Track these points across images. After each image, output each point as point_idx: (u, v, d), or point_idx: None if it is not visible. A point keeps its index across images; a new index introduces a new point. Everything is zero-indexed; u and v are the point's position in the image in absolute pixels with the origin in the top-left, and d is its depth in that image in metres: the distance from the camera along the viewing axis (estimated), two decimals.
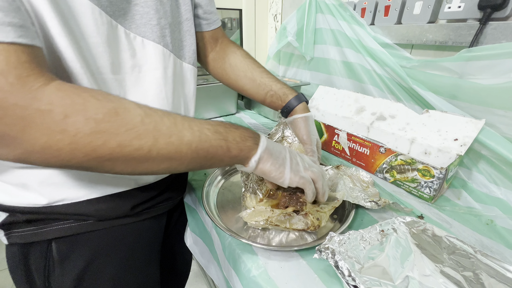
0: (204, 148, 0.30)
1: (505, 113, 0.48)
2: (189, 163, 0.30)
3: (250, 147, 0.34)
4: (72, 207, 0.35)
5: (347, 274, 0.30)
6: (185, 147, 0.28)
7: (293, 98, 0.52)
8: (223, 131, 0.32)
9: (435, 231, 0.37)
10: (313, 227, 0.40)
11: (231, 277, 0.41)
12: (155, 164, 0.27)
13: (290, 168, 0.37)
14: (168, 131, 0.27)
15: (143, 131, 0.25)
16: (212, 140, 0.30)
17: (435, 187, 0.49)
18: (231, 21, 1.14)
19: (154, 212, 0.46)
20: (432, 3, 0.59)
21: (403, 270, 0.31)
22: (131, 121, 0.25)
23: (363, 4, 0.73)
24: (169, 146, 0.27)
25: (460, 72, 0.54)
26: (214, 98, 0.95)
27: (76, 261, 0.38)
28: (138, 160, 0.26)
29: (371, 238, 0.36)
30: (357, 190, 0.49)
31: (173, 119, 0.28)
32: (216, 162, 0.32)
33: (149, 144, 0.26)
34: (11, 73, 0.20)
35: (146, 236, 0.46)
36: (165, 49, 0.37)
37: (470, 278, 0.30)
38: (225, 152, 0.32)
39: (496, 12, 0.50)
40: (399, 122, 0.61)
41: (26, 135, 0.21)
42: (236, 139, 0.33)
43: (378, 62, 0.70)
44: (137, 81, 0.35)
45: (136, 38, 0.33)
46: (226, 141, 0.31)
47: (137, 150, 0.25)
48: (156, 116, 0.27)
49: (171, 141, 0.27)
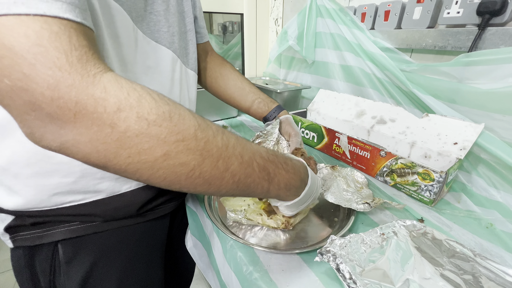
0: (246, 183, 0.27)
1: (503, 117, 0.49)
2: (226, 192, 0.27)
3: (288, 196, 0.33)
4: (78, 209, 0.36)
5: (348, 277, 0.30)
6: (229, 175, 0.25)
7: (276, 106, 0.62)
8: (271, 171, 0.29)
9: (435, 235, 0.38)
10: (284, 226, 0.42)
11: (230, 281, 0.41)
12: (192, 185, 0.24)
13: None
14: (217, 153, 0.24)
15: (193, 146, 0.23)
16: (256, 177, 0.28)
17: (435, 191, 0.50)
18: (232, 25, 1.15)
19: (157, 213, 0.46)
20: (432, 8, 0.60)
21: (404, 273, 0.32)
22: (184, 131, 0.22)
23: (363, 9, 0.74)
24: (213, 170, 0.24)
25: (459, 76, 0.54)
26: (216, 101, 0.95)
27: (82, 262, 0.38)
28: (176, 176, 0.23)
29: (371, 242, 0.36)
30: (350, 192, 0.49)
31: (226, 140, 0.25)
32: (250, 196, 0.33)
33: (195, 163, 0.23)
34: (72, 53, 0.19)
35: (150, 237, 0.46)
36: (174, 54, 0.39)
37: (469, 281, 0.31)
38: (263, 192, 0.30)
39: (494, 17, 0.51)
40: (399, 126, 0.61)
41: (78, 122, 0.19)
42: (280, 185, 0.31)
43: (378, 66, 0.70)
44: (149, 82, 0.36)
45: (151, 43, 0.36)
46: (269, 183, 0.29)
47: (181, 165, 0.23)
48: (210, 131, 0.24)
49: (217, 165, 0.24)
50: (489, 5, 0.50)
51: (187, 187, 0.25)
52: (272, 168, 0.29)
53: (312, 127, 0.75)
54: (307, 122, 0.76)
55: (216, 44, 1.19)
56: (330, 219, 0.47)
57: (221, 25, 1.17)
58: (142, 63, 0.35)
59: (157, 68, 0.37)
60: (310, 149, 0.76)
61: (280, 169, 0.30)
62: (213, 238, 0.46)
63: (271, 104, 0.62)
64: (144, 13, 0.34)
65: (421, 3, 0.61)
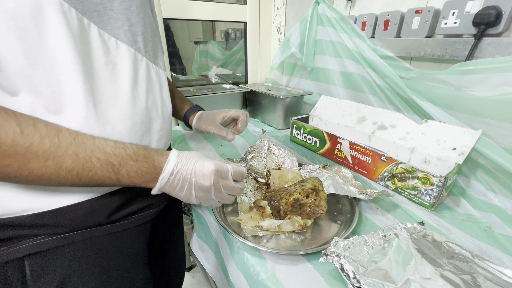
0: (87, 176, 0.31)
1: (499, 124, 0.51)
2: (73, 184, 0.31)
3: (146, 182, 0.35)
4: (41, 218, 0.34)
5: (352, 276, 0.32)
6: (64, 171, 0.29)
7: (188, 109, 0.66)
8: (116, 163, 0.32)
9: (434, 237, 0.39)
10: (300, 227, 0.44)
11: (239, 281, 0.43)
12: (30, 180, 0.29)
13: (196, 196, 0.39)
14: (44, 154, 0.28)
15: (12, 151, 0.26)
16: (99, 170, 0.31)
17: (434, 195, 0.51)
18: (235, 31, 1.18)
19: (134, 221, 0.44)
20: (429, 18, 0.62)
21: (405, 273, 0.33)
22: (0, 139, 0.26)
23: (363, 18, 0.77)
24: (44, 168, 0.28)
25: (457, 84, 0.56)
26: (219, 106, 0.98)
27: (52, 277, 0.37)
28: (6, 174, 0.27)
29: (374, 243, 0.38)
30: (348, 185, 0.53)
31: (57, 142, 0.29)
32: (107, 185, 0.34)
33: (18, 164, 0.27)
34: None
35: (128, 247, 0.44)
36: (138, 53, 0.39)
37: (468, 281, 0.32)
38: (114, 182, 0.33)
39: (490, 28, 0.53)
40: (399, 132, 0.63)
41: None
42: (130, 173, 0.33)
43: (378, 73, 0.73)
44: (111, 77, 0.36)
45: (111, 39, 0.36)
46: (117, 174, 0.32)
47: (5, 166, 0.27)
48: (36, 136, 0.27)
49: (47, 164, 0.28)
50: (485, 17, 0.52)
51: (26, 182, 0.29)
52: (118, 160, 0.32)
53: (314, 132, 0.77)
54: (310, 127, 0.78)
55: (218, 51, 1.22)
56: (334, 221, 0.49)
57: (224, 32, 1.20)
58: (99, 59, 0.34)
59: (118, 65, 0.37)
60: (313, 154, 0.78)
61: (128, 160, 0.33)
62: (221, 240, 0.48)
63: (186, 106, 0.67)
64: (102, 9, 0.34)
65: (419, 13, 0.64)
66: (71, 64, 0.31)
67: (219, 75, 1.24)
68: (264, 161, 0.63)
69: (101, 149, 0.31)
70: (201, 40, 1.20)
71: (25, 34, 0.28)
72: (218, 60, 1.23)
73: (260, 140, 0.66)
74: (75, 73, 0.31)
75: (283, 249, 0.42)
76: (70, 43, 0.30)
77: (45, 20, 0.28)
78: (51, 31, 0.29)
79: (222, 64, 1.24)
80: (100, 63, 0.35)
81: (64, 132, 0.30)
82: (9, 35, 0.27)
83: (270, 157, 0.64)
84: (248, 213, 0.49)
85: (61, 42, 0.30)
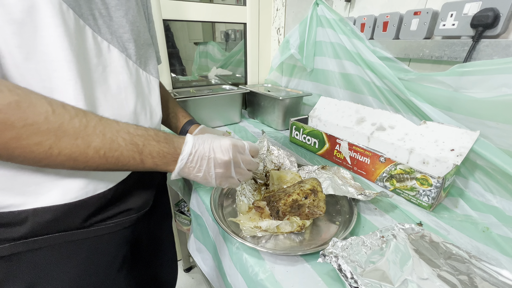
0: (114, 156, 0.31)
1: (497, 125, 0.51)
2: (98, 166, 0.32)
3: (167, 163, 0.36)
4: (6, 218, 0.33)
5: (349, 276, 0.32)
6: (92, 151, 0.30)
7: (186, 122, 0.64)
8: (140, 143, 0.33)
9: (432, 237, 0.40)
10: (299, 228, 0.45)
11: (237, 282, 0.43)
12: (58, 161, 0.29)
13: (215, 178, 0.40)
14: (74, 133, 0.28)
15: (45, 129, 0.27)
16: (124, 151, 0.32)
17: (433, 196, 0.51)
18: (235, 32, 1.18)
19: (112, 228, 0.41)
20: (428, 20, 0.62)
21: (402, 273, 0.33)
22: (33, 117, 0.26)
23: (362, 19, 0.77)
24: (73, 148, 0.29)
25: (455, 85, 0.57)
26: (219, 107, 0.98)
27: (16, 284, 0.35)
28: (35, 154, 0.27)
29: (372, 244, 0.38)
30: (347, 185, 0.53)
31: (85, 122, 0.29)
32: (131, 168, 0.34)
33: (50, 142, 0.27)
34: None
35: (104, 254, 0.42)
36: (128, 59, 0.40)
37: (465, 282, 0.32)
38: (138, 164, 0.34)
39: (488, 30, 0.54)
40: (398, 133, 0.63)
41: None
42: (153, 154, 0.34)
43: (377, 75, 0.73)
44: (100, 79, 0.37)
45: (103, 42, 0.37)
46: (140, 154, 0.33)
47: (36, 145, 0.27)
48: (66, 115, 0.28)
49: (77, 143, 0.29)
50: (482, 19, 0.53)
51: (54, 164, 0.29)
52: (141, 140, 0.33)
53: (313, 133, 0.77)
54: (309, 128, 0.78)
55: (218, 52, 1.23)
56: (332, 222, 0.49)
57: (224, 32, 1.20)
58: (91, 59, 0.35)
59: (108, 68, 0.38)
60: (312, 155, 0.78)
61: (150, 140, 0.34)
62: (219, 241, 0.48)
63: (183, 119, 0.64)
64: (98, 14, 0.35)
65: (418, 15, 0.64)
66: (65, 61, 0.31)
67: (218, 76, 1.25)
68: (263, 161, 0.63)
69: (126, 130, 0.33)
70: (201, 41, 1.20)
71: (21, 29, 0.28)
72: (218, 61, 1.24)
73: (260, 141, 0.66)
74: (68, 71, 0.32)
75: (282, 249, 0.43)
76: (65, 42, 0.31)
77: (42, 17, 0.29)
78: (47, 28, 0.30)
79: (222, 65, 1.25)
80: (92, 64, 0.35)
81: (90, 114, 0.31)
82: (5, 28, 0.27)
83: (269, 158, 0.64)
84: (247, 214, 0.49)
85: (56, 40, 0.30)
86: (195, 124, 0.64)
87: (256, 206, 0.50)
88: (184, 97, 0.88)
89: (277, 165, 0.64)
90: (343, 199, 0.54)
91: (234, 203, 0.54)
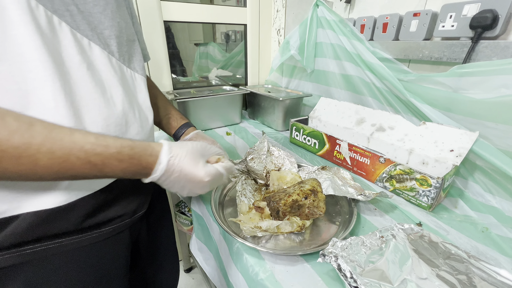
0: (69, 174, 0.30)
1: (496, 126, 0.51)
2: (56, 179, 0.31)
3: (134, 176, 0.35)
4: None
5: (349, 276, 0.32)
6: (42, 170, 0.28)
7: (184, 124, 0.63)
8: (99, 163, 0.31)
9: (431, 237, 0.40)
10: (299, 228, 0.45)
11: (238, 281, 0.43)
12: (7, 178, 0.28)
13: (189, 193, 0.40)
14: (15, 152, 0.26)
15: None
16: (80, 170, 0.30)
17: (432, 196, 0.52)
18: (235, 33, 1.18)
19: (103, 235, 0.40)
20: (427, 21, 0.63)
21: (402, 273, 0.34)
22: None
23: (362, 21, 0.78)
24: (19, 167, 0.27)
25: (454, 86, 0.57)
26: (220, 108, 0.99)
27: None
28: None
29: (371, 244, 0.38)
30: (347, 186, 0.54)
31: (28, 139, 0.27)
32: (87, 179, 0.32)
33: None
34: None
35: (99, 262, 0.41)
36: (111, 56, 0.39)
37: (464, 281, 0.32)
38: (101, 177, 0.33)
39: (487, 31, 0.54)
40: (397, 133, 0.64)
41: None
42: (116, 172, 0.33)
43: (377, 76, 0.73)
44: (85, 77, 0.35)
45: (83, 39, 0.35)
46: (101, 172, 0.31)
47: None
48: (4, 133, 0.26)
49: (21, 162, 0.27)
50: (481, 20, 0.53)
51: (6, 179, 0.28)
52: (100, 159, 0.30)
53: (313, 134, 0.77)
54: (309, 129, 0.78)
55: (219, 52, 1.23)
56: (332, 222, 0.49)
57: (224, 34, 1.21)
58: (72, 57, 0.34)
59: (92, 65, 0.36)
60: (312, 155, 0.78)
61: (111, 160, 0.31)
62: (220, 241, 0.49)
63: (180, 120, 0.63)
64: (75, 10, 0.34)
65: (417, 16, 0.64)
66: (39, 61, 0.30)
67: (219, 76, 1.25)
68: (263, 162, 0.63)
69: (80, 147, 0.29)
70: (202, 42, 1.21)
71: None
72: (218, 62, 1.24)
73: (260, 142, 0.66)
74: (43, 70, 0.30)
75: (282, 249, 0.43)
76: (37, 40, 0.29)
77: (9, 15, 0.28)
78: (16, 27, 0.28)
79: (222, 66, 1.25)
80: (72, 62, 0.33)
81: (37, 126, 0.27)
82: None
83: (269, 159, 0.65)
84: (247, 214, 0.49)
85: (27, 39, 0.29)
86: (192, 127, 0.63)
87: (256, 207, 0.50)
88: (184, 98, 0.88)
89: (277, 166, 0.64)
90: (343, 199, 0.54)
91: (234, 203, 0.54)
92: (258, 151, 0.65)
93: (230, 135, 0.94)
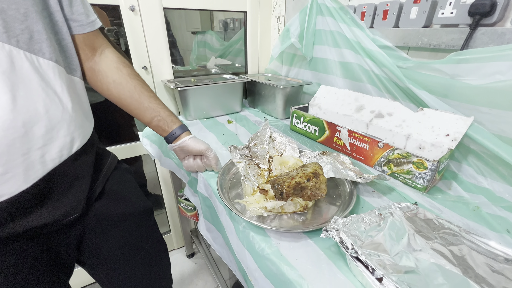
0: None
1: (489, 111, 0.53)
2: None
3: None
4: None
5: (350, 247, 0.35)
6: None
7: (177, 127, 0.58)
8: None
9: (426, 215, 0.43)
10: (302, 208, 0.48)
11: (244, 258, 0.46)
12: None
13: None
14: None
15: None
16: None
17: (428, 178, 0.54)
18: (234, 21, 1.18)
19: None
20: (427, 8, 0.64)
21: (398, 245, 0.36)
22: None
23: (362, 8, 0.78)
24: None
25: (451, 73, 0.59)
26: (220, 96, 1.00)
27: None
28: None
29: (370, 221, 0.41)
30: (347, 170, 0.56)
31: None
32: None
33: None
34: None
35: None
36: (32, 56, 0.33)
37: (455, 252, 0.35)
38: None
39: (485, 18, 0.55)
40: (396, 119, 0.66)
41: None
42: None
43: (376, 63, 0.74)
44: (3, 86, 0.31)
45: None
46: None
47: None
48: None
49: None
50: (480, 7, 0.54)
51: None
52: None
53: (314, 121, 0.79)
54: (309, 116, 0.80)
55: (217, 41, 1.22)
56: (333, 204, 0.52)
57: (222, 21, 1.20)
58: None
59: (12, 72, 0.32)
60: (312, 142, 0.80)
61: None
62: (227, 221, 0.51)
63: (172, 124, 0.57)
64: None
65: (417, 3, 0.65)
66: None
67: (218, 65, 1.25)
68: (266, 148, 0.65)
69: None
70: (199, 30, 1.20)
71: None
72: (216, 50, 1.24)
73: (263, 128, 0.68)
74: None
75: (286, 228, 0.45)
76: None
77: None
78: None
79: (220, 55, 1.25)
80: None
81: None
82: None
83: (272, 144, 0.67)
84: (252, 196, 0.52)
85: None
86: (186, 132, 0.59)
87: (261, 189, 0.52)
88: (186, 86, 0.89)
89: (280, 151, 0.66)
90: (343, 183, 0.56)
91: (238, 187, 0.56)
92: (261, 137, 0.66)
93: (232, 123, 0.95)
